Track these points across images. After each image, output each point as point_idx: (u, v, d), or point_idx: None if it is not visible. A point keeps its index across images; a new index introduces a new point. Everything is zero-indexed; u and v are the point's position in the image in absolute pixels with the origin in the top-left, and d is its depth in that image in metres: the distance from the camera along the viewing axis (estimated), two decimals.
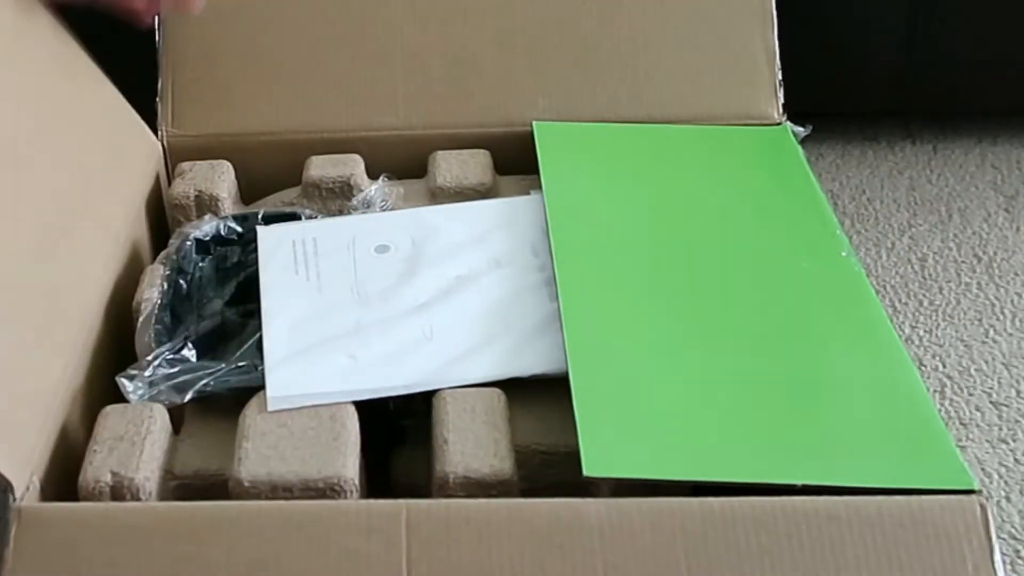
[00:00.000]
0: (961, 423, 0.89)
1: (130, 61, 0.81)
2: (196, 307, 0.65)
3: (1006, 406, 0.91)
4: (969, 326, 1.01)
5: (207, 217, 0.72)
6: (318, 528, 0.49)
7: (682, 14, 0.82)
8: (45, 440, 0.54)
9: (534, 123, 0.79)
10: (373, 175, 0.77)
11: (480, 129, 0.80)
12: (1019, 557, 0.80)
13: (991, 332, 1.00)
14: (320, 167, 0.76)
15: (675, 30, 0.82)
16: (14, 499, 0.50)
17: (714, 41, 0.82)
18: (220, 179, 0.76)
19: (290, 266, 0.66)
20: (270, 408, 0.56)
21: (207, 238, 0.70)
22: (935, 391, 0.92)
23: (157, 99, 0.81)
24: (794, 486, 0.50)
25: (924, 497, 0.48)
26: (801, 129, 0.79)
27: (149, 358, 0.61)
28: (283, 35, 0.83)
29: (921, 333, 1.00)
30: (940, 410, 0.83)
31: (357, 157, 0.77)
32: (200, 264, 0.69)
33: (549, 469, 0.57)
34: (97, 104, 0.75)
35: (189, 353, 0.62)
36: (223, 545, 0.48)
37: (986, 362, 0.96)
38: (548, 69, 0.82)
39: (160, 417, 0.57)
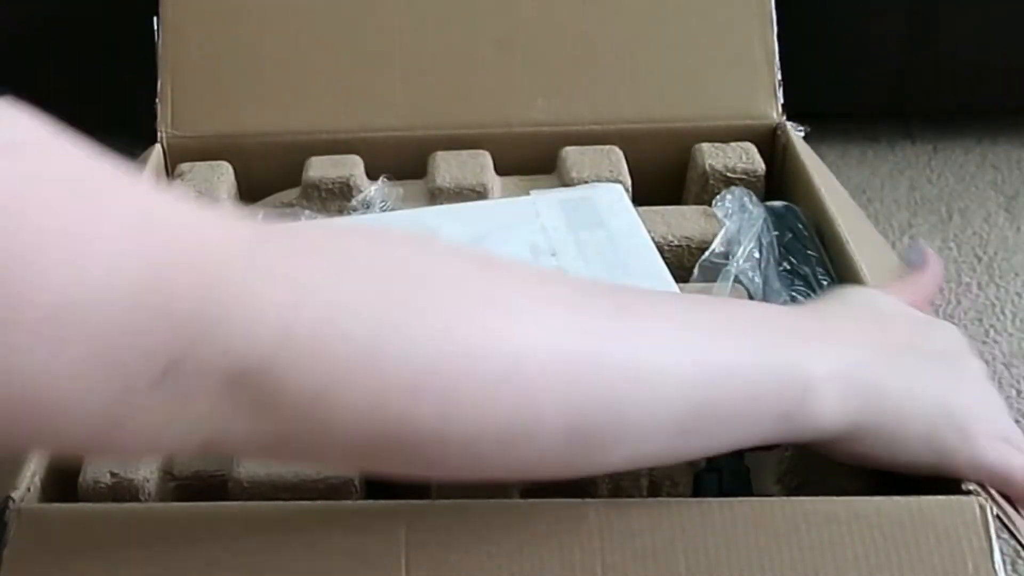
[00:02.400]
0: None
1: (130, 61, 0.81)
2: None
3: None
4: (969, 326, 1.01)
5: None
6: (318, 528, 0.49)
7: (682, 14, 0.82)
8: None
9: None
10: (373, 176, 0.77)
11: (480, 129, 0.81)
12: (1019, 557, 0.80)
13: (991, 332, 1.00)
14: (320, 168, 0.76)
15: (675, 30, 0.82)
16: (13, 500, 0.50)
17: (714, 41, 0.82)
18: (220, 180, 0.76)
19: None
20: None
21: None
22: None
23: (157, 99, 0.81)
24: None
25: (924, 497, 0.48)
26: (801, 129, 0.79)
27: None
28: (283, 36, 0.83)
29: None
30: None
31: (356, 158, 0.77)
32: None
33: None
34: None
35: None
36: (223, 545, 0.48)
37: (986, 362, 0.96)
38: (548, 69, 0.82)
39: None
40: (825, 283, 0.64)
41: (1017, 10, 1.21)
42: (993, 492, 0.48)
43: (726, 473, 0.57)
